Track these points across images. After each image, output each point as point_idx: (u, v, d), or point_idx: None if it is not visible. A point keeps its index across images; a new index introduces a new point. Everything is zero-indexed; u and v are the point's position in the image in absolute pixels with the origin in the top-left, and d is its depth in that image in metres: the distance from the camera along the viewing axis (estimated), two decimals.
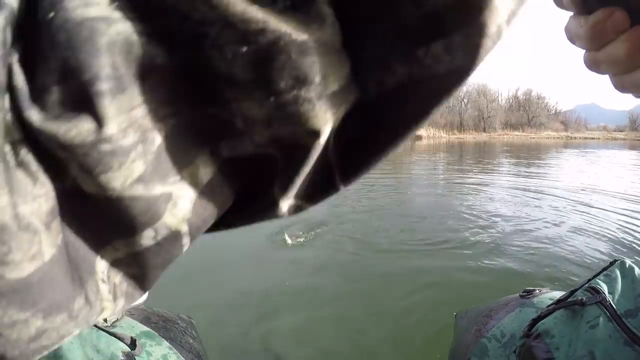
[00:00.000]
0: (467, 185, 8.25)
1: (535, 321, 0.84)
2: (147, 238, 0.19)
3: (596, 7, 0.34)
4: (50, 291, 0.18)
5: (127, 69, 0.16)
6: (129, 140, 0.16)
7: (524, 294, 1.11)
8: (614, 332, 0.74)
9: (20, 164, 0.16)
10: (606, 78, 0.38)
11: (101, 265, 0.20)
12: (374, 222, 5.60)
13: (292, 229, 4.13)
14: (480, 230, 5.08)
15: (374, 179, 9.97)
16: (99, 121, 0.16)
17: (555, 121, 30.86)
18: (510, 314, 1.04)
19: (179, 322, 1.19)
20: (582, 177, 9.85)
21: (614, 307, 0.77)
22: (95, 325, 0.84)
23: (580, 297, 0.81)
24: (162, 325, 1.07)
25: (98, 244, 0.19)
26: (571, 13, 0.37)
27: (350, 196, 7.51)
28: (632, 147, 17.63)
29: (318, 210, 7.14)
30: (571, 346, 0.76)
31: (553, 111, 32.66)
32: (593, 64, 0.37)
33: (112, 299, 0.21)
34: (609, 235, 4.77)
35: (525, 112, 30.50)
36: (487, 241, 4.60)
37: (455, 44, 0.17)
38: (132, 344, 0.86)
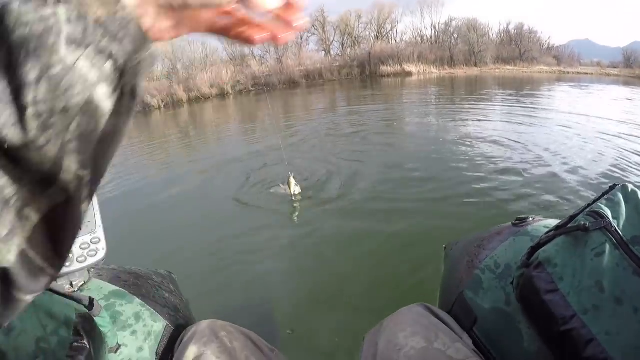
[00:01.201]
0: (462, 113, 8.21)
1: (534, 249, 0.78)
2: None
3: None
4: None
5: None
6: None
7: (516, 222, 1.05)
8: (621, 261, 0.68)
9: None
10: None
11: None
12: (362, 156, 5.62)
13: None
14: (474, 157, 5.12)
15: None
16: None
17: (548, 56, 30.20)
18: (504, 244, 0.98)
19: (154, 277, 1.15)
20: (576, 106, 9.86)
21: (620, 233, 0.71)
22: (51, 290, 0.80)
23: (582, 222, 0.74)
24: (133, 282, 1.03)
25: None
26: None
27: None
28: (626, 84, 17.48)
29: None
30: (576, 276, 0.70)
31: (546, 46, 31.94)
32: None
33: None
34: (606, 160, 4.86)
35: (517, 46, 29.77)
36: (478, 168, 4.62)
37: None
38: (90, 304, 0.82)
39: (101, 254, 0.92)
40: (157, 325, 0.95)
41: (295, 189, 3.73)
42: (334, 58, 29.14)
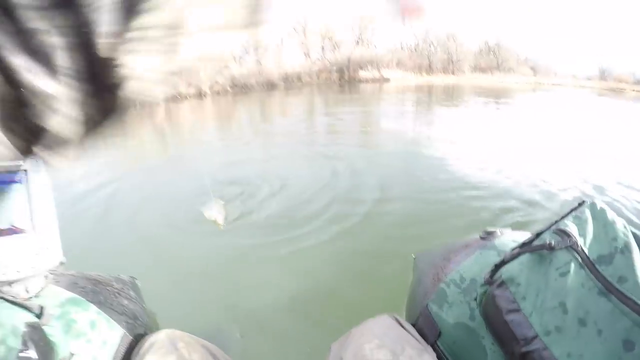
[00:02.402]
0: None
1: (498, 266, 0.76)
2: None
3: None
4: None
5: None
6: None
7: (484, 235, 1.03)
8: (586, 281, 0.66)
9: None
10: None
11: None
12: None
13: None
14: (444, 165, 5.16)
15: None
16: None
17: (524, 66, 30.93)
18: (470, 257, 0.96)
19: (114, 283, 1.11)
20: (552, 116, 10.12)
21: (586, 252, 0.69)
22: (1, 297, 0.76)
23: (548, 241, 0.72)
24: (91, 289, 0.99)
25: None
26: None
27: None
28: (601, 95, 18.06)
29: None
30: (539, 296, 0.68)
31: (523, 57, 32.77)
32: None
33: None
34: (580, 174, 4.94)
35: (495, 56, 30.37)
36: (449, 177, 4.66)
37: None
38: (40, 313, 0.78)
39: (57, 260, 0.88)
40: (114, 334, 0.91)
41: (218, 216, 3.15)
42: (313, 62, 29.16)
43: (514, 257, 0.75)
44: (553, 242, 0.71)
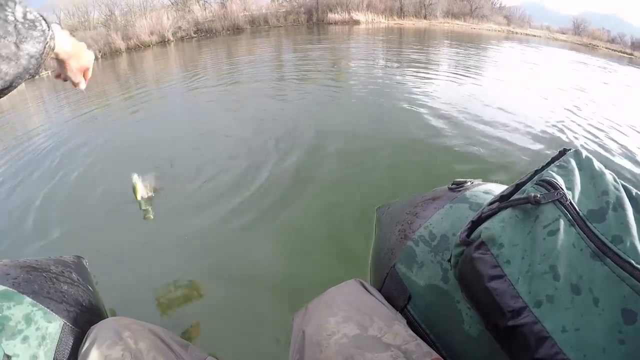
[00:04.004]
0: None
1: (475, 224, 0.65)
2: None
3: None
4: None
5: None
6: None
7: (453, 186, 0.93)
8: (578, 240, 0.57)
9: None
10: None
11: None
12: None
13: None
14: (411, 111, 5.00)
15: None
16: None
17: (498, 15, 30.57)
18: (440, 211, 0.86)
19: (52, 267, 1.01)
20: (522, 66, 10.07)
21: (576, 207, 0.59)
22: None
23: (532, 193, 0.62)
24: (23, 278, 0.90)
25: None
26: None
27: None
28: (572, 49, 18.11)
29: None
30: (525, 259, 0.58)
31: (497, 5, 32.32)
32: None
33: None
34: (553, 122, 4.82)
35: (469, 2, 29.83)
36: (416, 124, 4.49)
37: None
38: None
39: None
40: (52, 326, 0.82)
41: (142, 193, 2.81)
42: (280, 3, 27.96)
43: (493, 212, 0.65)
44: (539, 195, 0.60)
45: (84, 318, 0.92)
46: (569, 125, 4.79)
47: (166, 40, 20.47)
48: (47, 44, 0.68)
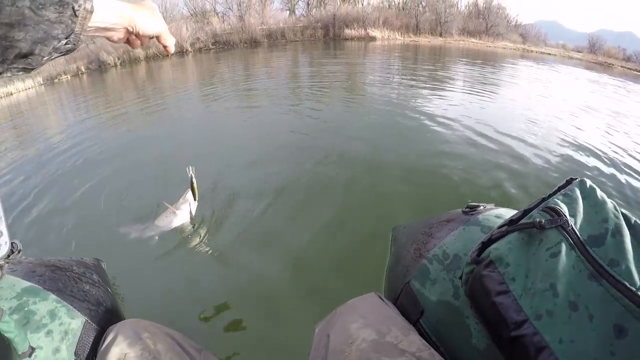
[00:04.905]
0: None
1: (485, 245, 0.73)
2: None
3: None
4: None
5: None
6: None
7: (466, 209, 1.00)
8: (577, 263, 0.63)
9: None
10: None
11: None
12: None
13: None
14: (425, 133, 5.00)
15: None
16: None
17: (514, 33, 30.55)
18: (453, 232, 0.93)
19: (74, 268, 1.07)
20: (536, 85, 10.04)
21: (577, 232, 0.66)
22: None
23: (537, 219, 0.68)
24: (49, 276, 0.95)
25: None
26: None
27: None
28: (587, 68, 17.94)
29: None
30: (529, 277, 0.65)
31: (513, 23, 32.30)
32: None
33: None
34: (564, 149, 4.71)
35: (484, 20, 29.90)
36: (429, 146, 4.50)
37: None
38: None
39: (3, 249, 0.82)
40: (75, 322, 0.88)
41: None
42: (297, 18, 28.34)
43: (502, 235, 0.72)
44: (543, 221, 0.67)
45: (104, 317, 0.97)
46: (585, 147, 4.77)
47: (184, 50, 20.88)
48: (79, 6, 0.58)
